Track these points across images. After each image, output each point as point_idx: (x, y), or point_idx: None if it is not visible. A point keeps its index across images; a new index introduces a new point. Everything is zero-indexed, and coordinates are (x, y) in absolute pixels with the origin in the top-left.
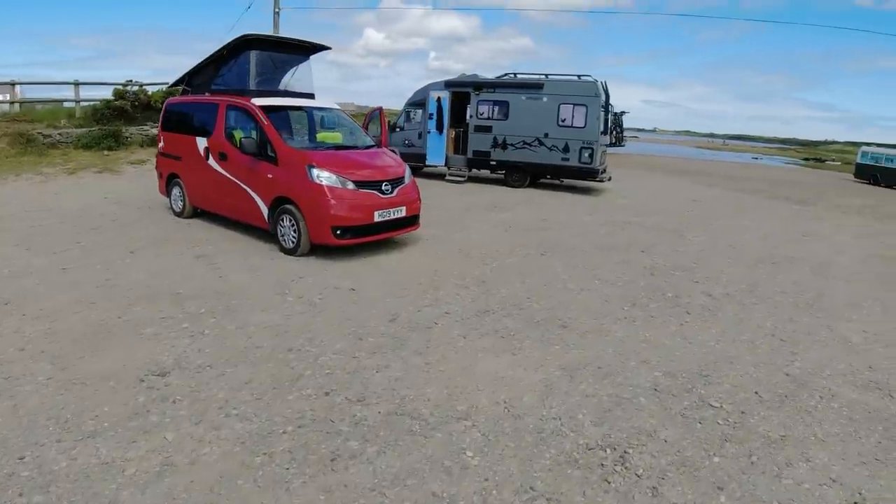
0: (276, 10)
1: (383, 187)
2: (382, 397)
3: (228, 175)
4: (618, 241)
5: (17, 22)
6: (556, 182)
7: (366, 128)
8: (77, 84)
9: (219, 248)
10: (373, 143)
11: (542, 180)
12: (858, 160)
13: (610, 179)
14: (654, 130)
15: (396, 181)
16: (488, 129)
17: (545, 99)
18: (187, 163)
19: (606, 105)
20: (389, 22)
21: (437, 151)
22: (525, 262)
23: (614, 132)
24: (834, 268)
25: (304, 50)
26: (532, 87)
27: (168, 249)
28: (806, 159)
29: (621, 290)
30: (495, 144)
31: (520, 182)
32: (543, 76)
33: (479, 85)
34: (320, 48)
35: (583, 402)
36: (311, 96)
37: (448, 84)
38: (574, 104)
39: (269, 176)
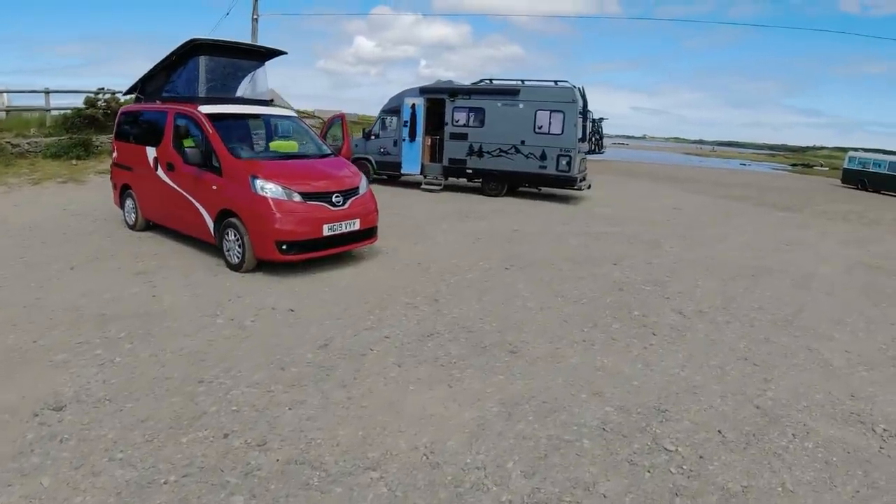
0: (255, 16)
1: (334, 199)
2: (287, 440)
3: (176, 186)
4: (590, 253)
5: (4, 29)
6: (535, 191)
7: (324, 135)
8: (47, 92)
9: (163, 263)
10: (329, 152)
11: (521, 189)
12: (846, 165)
13: (589, 187)
14: (643, 137)
15: (349, 192)
16: (464, 137)
17: (521, 105)
18: (138, 174)
19: (584, 111)
20: (380, 30)
21: (412, 159)
22: (486, 278)
23: (593, 139)
24: (817, 279)
25: (259, 55)
26: (508, 93)
27: (110, 265)
28: (794, 165)
29: (584, 308)
30: (471, 152)
31: (496, 191)
32: (520, 82)
33: (455, 91)
34: (275, 53)
35: (516, 445)
36: (267, 103)
37: (423, 90)
38: (551, 110)
39: (214, 187)
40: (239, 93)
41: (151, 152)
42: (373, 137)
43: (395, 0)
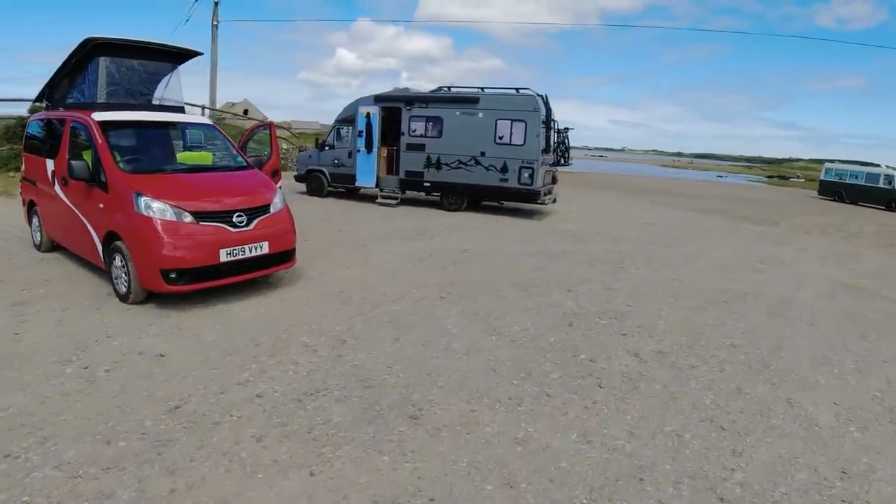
0: (215, 22)
1: (235, 219)
2: None
3: (69, 203)
4: (543, 278)
5: None
6: (497, 205)
7: (243, 146)
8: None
9: (51, 292)
10: (246, 165)
11: (484, 203)
12: (823, 177)
13: (554, 201)
14: (622, 150)
15: (256, 211)
16: (421, 148)
17: (481, 115)
18: (40, 189)
19: (548, 121)
20: (362, 42)
21: (366, 172)
22: (414, 310)
23: (558, 150)
24: (796, 305)
25: (171, 57)
26: (466, 101)
27: None
28: (770, 177)
29: (521, 350)
30: (429, 164)
31: (456, 205)
32: (479, 90)
33: (411, 99)
34: (190, 54)
35: None
36: (179, 110)
37: (378, 98)
38: (512, 120)
39: (101, 205)
40: (156, 99)
41: (50, 165)
42: (326, 148)
43: (377, 13)
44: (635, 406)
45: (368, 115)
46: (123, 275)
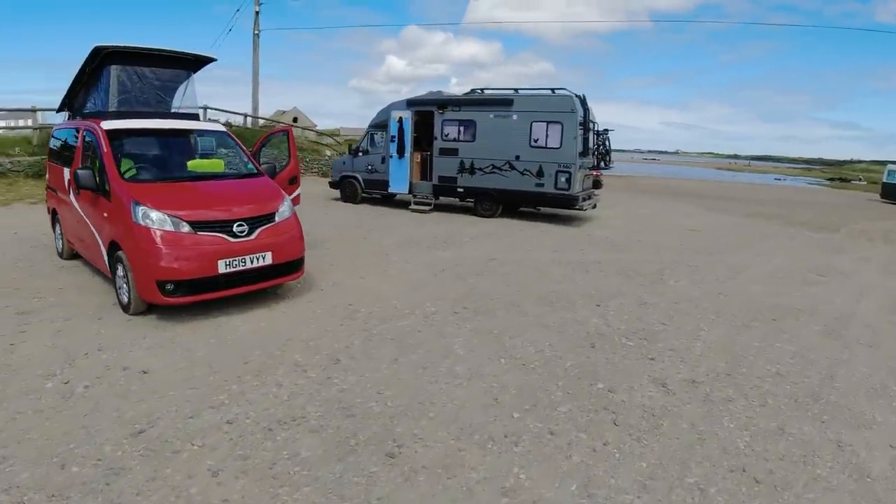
0: (256, 31)
1: (235, 228)
2: None
3: (81, 212)
4: (571, 291)
5: (31, 52)
6: (534, 211)
7: (257, 152)
8: (35, 110)
9: (60, 300)
10: (257, 172)
11: (522, 209)
12: (886, 179)
13: (594, 207)
14: (676, 152)
15: (258, 220)
16: (454, 153)
17: (515, 117)
18: (60, 197)
19: (586, 122)
20: (411, 49)
21: (399, 178)
22: (422, 327)
23: (597, 153)
24: (854, 323)
25: (185, 63)
26: (500, 103)
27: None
28: (830, 179)
29: (531, 376)
30: (462, 169)
31: (490, 211)
32: (513, 91)
33: (444, 103)
34: (203, 61)
35: None
36: (193, 117)
37: (410, 103)
38: (548, 122)
39: (105, 214)
40: (174, 107)
41: (67, 174)
42: (360, 154)
43: (427, 19)
44: (653, 450)
45: (401, 119)
46: (125, 285)
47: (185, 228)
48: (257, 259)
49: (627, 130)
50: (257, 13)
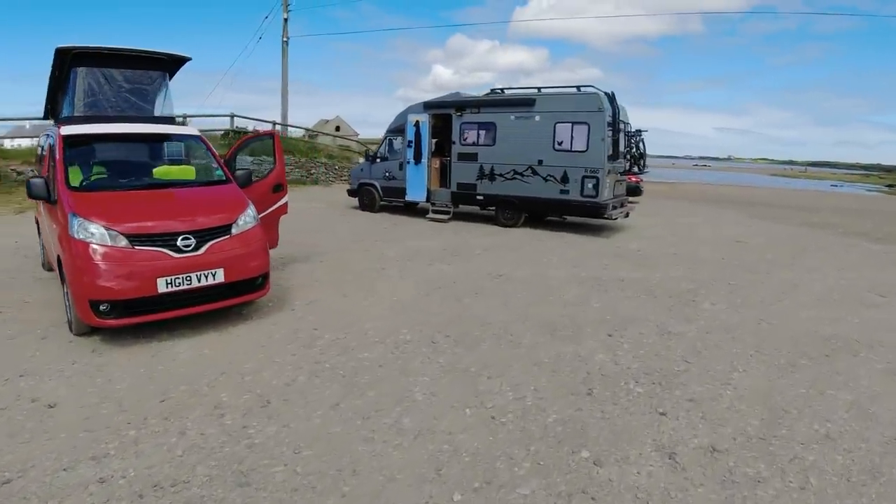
0: (284, 38)
1: (180, 242)
2: None
3: (47, 222)
4: (582, 315)
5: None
6: (559, 220)
7: (231, 157)
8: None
9: (21, 316)
10: (225, 179)
11: (548, 217)
12: None
13: (627, 216)
14: (728, 158)
15: (209, 233)
16: (473, 157)
17: (538, 118)
18: (39, 206)
19: (615, 122)
20: (457, 57)
21: (417, 185)
22: (387, 360)
23: (630, 156)
24: None
25: (160, 64)
26: (521, 103)
27: None
28: (890, 186)
29: (497, 436)
30: (482, 175)
31: (512, 220)
32: (535, 90)
33: (462, 105)
34: (178, 60)
35: None
36: (167, 121)
37: (427, 105)
38: (573, 122)
39: (54, 226)
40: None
41: None
42: (378, 160)
43: (472, 28)
44: None
45: (417, 123)
46: (67, 303)
47: (123, 242)
48: (206, 277)
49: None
50: (286, 20)
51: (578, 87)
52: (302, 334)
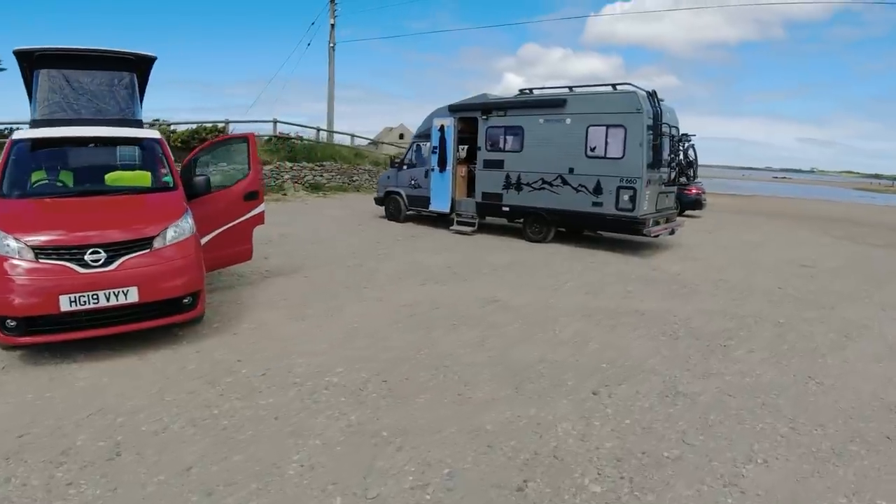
0: (331, 44)
1: (88, 256)
2: None
3: None
4: (570, 361)
5: (180, 73)
6: (594, 235)
7: (191, 163)
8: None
9: None
10: (171, 186)
11: (583, 232)
12: None
13: (672, 233)
14: (811, 171)
15: (125, 246)
16: (499, 165)
17: (569, 121)
18: None
19: (657, 125)
20: (529, 66)
21: (441, 194)
22: (288, 410)
23: (676, 164)
24: None
25: (126, 65)
26: (551, 105)
27: None
28: None
29: None
30: (508, 184)
31: (540, 235)
32: (567, 90)
33: (488, 107)
34: (145, 59)
35: None
36: (132, 124)
37: (452, 108)
38: (607, 125)
39: None
40: (91, 110)
41: None
42: (404, 167)
43: (544, 37)
44: None
45: (442, 128)
46: None
47: (29, 255)
48: (115, 296)
49: (758, 147)
50: (332, 26)
51: (614, 86)
52: (218, 367)
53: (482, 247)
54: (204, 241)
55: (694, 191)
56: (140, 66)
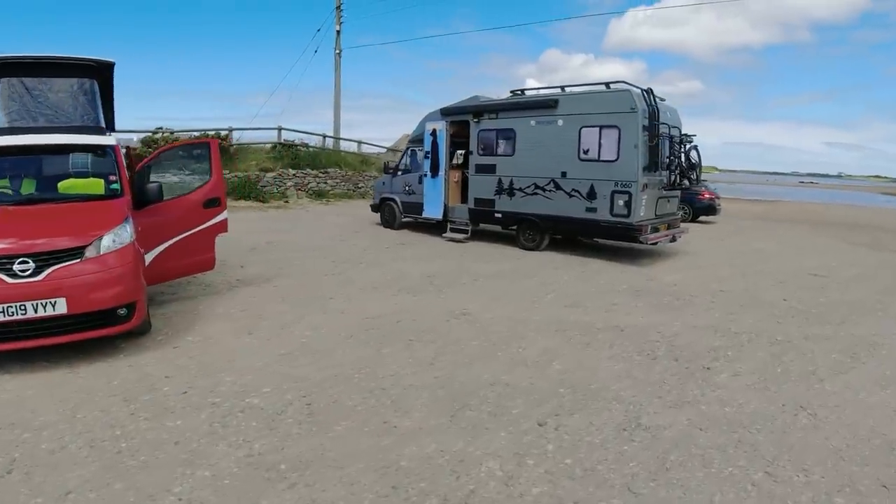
0: (337, 51)
1: (17, 266)
2: None
3: None
4: (522, 386)
5: (200, 84)
6: (590, 242)
7: (143, 169)
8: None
9: None
10: (120, 193)
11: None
12: None
13: (674, 240)
14: (838, 176)
15: (53, 256)
16: (491, 170)
17: (561, 122)
18: None
19: (653, 125)
20: (550, 72)
21: (433, 200)
22: (194, 434)
23: (676, 167)
24: None
25: (86, 71)
26: (542, 106)
27: None
28: None
29: None
30: (500, 189)
31: (533, 242)
32: (559, 90)
33: (480, 110)
34: (103, 65)
35: None
36: (95, 131)
37: (444, 112)
38: (601, 126)
39: None
40: (50, 117)
41: None
42: (399, 173)
43: (566, 43)
44: None
45: (434, 132)
46: None
47: None
48: (43, 307)
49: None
50: (338, 32)
51: (607, 84)
52: (142, 383)
53: (471, 255)
54: (159, 250)
55: (707, 196)
56: (101, 73)
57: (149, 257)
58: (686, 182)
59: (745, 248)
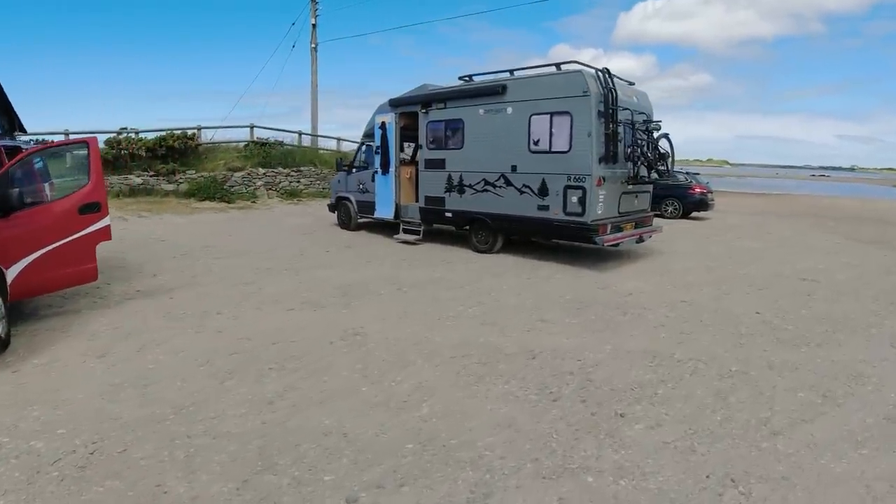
0: (313, 45)
1: None
2: None
3: None
4: (370, 438)
5: (213, 85)
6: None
7: (6, 174)
8: (67, 134)
9: None
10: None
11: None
12: None
13: (641, 240)
14: (851, 169)
15: None
16: (440, 164)
17: (510, 110)
18: None
19: (610, 110)
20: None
21: (384, 199)
22: None
23: (641, 158)
24: None
25: None
26: (490, 93)
27: None
28: None
29: None
30: (450, 186)
31: (485, 245)
32: (508, 74)
33: (428, 99)
34: None
35: None
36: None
37: (393, 103)
38: (551, 113)
39: None
40: None
41: None
42: (353, 170)
43: (575, 38)
44: None
45: (384, 125)
46: None
47: None
48: None
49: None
50: (314, 26)
51: (558, 65)
52: None
53: (413, 260)
54: (26, 262)
55: (698, 190)
56: None
57: (13, 271)
58: (655, 174)
59: (733, 247)
